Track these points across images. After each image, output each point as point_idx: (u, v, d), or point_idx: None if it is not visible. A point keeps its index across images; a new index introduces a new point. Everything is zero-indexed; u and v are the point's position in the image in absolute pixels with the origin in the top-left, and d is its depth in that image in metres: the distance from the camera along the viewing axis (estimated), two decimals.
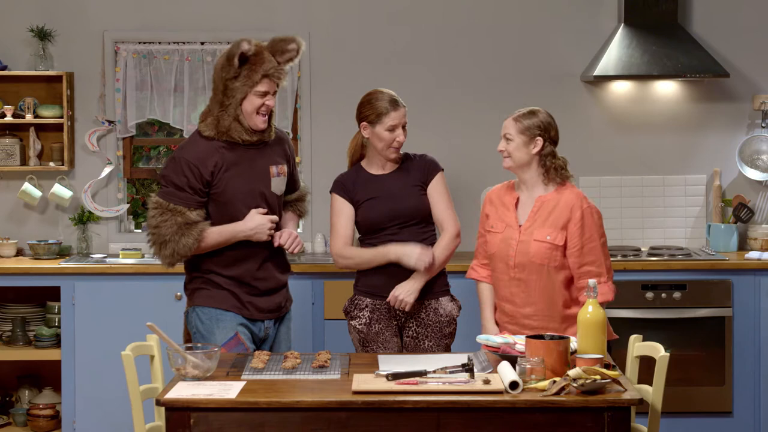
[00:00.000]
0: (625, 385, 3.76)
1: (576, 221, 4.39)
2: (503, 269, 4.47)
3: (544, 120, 4.47)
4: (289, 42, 4.64)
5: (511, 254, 4.43)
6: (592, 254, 4.39)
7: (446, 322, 4.77)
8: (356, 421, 3.67)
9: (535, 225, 4.42)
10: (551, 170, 4.46)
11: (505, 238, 4.46)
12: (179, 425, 3.67)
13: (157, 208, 4.52)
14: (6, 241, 6.38)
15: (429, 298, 4.77)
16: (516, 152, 4.45)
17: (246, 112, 4.55)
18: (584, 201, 4.44)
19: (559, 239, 4.38)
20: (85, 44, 6.50)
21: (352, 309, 4.81)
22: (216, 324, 4.55)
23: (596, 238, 4.41)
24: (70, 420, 6.02)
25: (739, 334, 6.00)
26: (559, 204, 4.42)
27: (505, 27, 6.54)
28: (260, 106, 4.56)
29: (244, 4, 6.51)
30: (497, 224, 4.52)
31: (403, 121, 4.73)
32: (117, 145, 6.55)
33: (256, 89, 4.54)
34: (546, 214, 4.42)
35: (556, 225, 4.39)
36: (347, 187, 4.83)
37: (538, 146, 4.44)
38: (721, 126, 6.56)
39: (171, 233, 4.49)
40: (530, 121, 4.45)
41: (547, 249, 4.38)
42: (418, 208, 4.76)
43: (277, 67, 4.59)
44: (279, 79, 4.61)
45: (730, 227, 6.41)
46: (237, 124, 4.55)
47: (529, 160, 4.45)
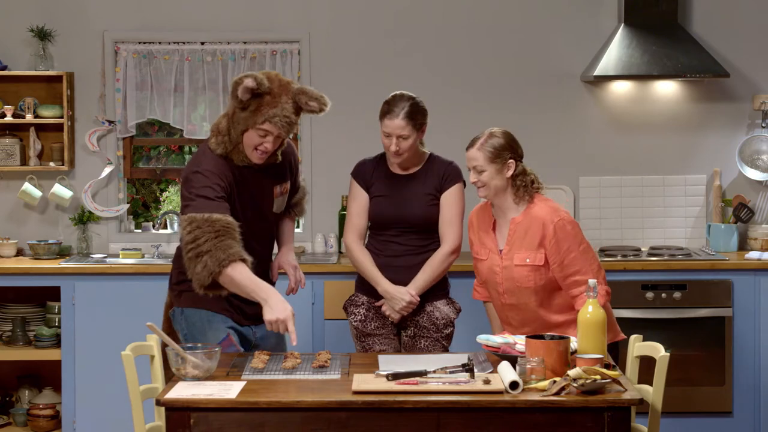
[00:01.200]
0: (625, 385, 3.76)
1: (550, 238, 4.33)
2: (495, 295, 4.49)
3: (508, 139, 4.39)
4: (312, 99, 4.41)
5: (498, 281, 4.42)
6: (574, 264, 4.34)
7: (442, 324, 4.77)
8: (356, 421, 3.67)
9: (513, 249, 4.38)
10: (522, 188, 4.39)
11: (490, 266, 4.44)
12: (179, 425, 3.67)
13: (192, 223, 4.25)
14: (6, 241, 6.38)
15: (424, 303, 4.76)
16: (491, 181, 4.37)
17: (245, 144, 4.41)
18: (554, 214, 4.36)
19: (539, 259, 4.34)
20: (85, 44, 6.50)
21: (349, 305, 4.84)
22: (208, 325, 4.52)
23: (575, 248, 4.34)
24: (70, 420, 6.02)
25: (739, 334, 6.00)
26: (531, 224, 4.36)
27: (505, 27, 6.54)
28: (258, 144, 4.40)
29: (244, 4, 6.51)
30: (481, 251, 4.49)
31: (398, 132, 4.65)
32: (117, 145, 6.55)
33: (259, 127, 4.37)
34: (521, 236, 4.37)
35: (531, 245, 4.35)
36: (365, 176, 4.83)
37: (512, 169, 4.37)
38: (721, 126, 6.56)
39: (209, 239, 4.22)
40: (496, 145, 4.36)
41: (530, 271, 4.35)
42: (424, 217, 4.74)
43: (284, 117, 4.36)
44: (284, 130, 4.39)
45: (730, 227, 6.41)
46: (238, 151, 4.47)
47: (504, 185, 4.39)
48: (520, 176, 4.39)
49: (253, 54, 6.47)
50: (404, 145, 4.67)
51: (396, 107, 4.67)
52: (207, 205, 4.28)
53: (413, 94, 4.75)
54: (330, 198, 6.46)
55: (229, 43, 6.48)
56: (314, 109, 4.42)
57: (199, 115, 6.52)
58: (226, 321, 4.53)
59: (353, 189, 4.85)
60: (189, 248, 4.25)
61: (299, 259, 6.19)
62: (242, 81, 4.30)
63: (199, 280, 4.24)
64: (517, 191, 4.39)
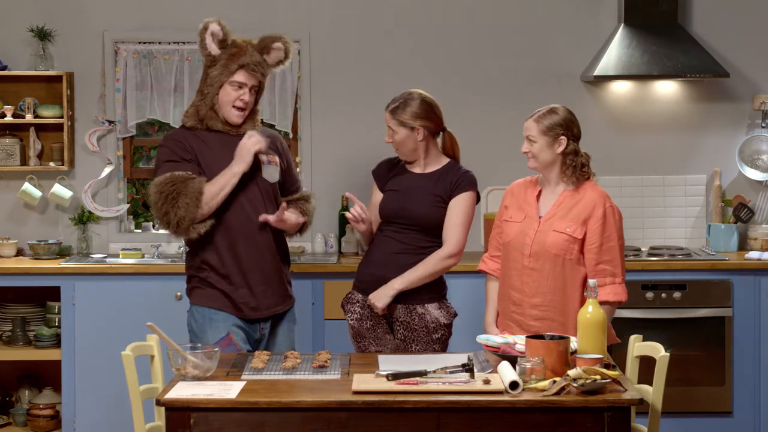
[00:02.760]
0: (625, 385, 3.76)
1: (598, 218, 4.38)
2: (517, 257, 4.44)
3: (566, 117, 4.44)
4: (274, 40, 4.62)
5: (527, 243, 4.41)
6: (609, 253, 4.38)
7: (433, 328, 4.73)
8: (356, 421, 3.67)
9: (556, 217, 4.41)
10: (574, 168, 4.43)
11: (523, 228, 4.44)
12: (179, 425, 3.67)
13: (159, 185, 4.45)
14: (6, 241, 6.38)
15: (415, 304, 4.73)
16: (541, 153, 4.41)
17: (221, 103, 4.53)
18: (607, 200, 4.43)
19: (579, 233, 4.36)
20: (85, 44, 6.50)
21: (346, 303, 4.83)
22: (209, 323, 4.54)
23: (615, 238, 4.39)
24: (70, 420, 6.02)
25: (739, 334, 6.00)
26: (582, 200, 4.41)
27: (505, 27, 6.54)
28: (235, 99, 4.52)
29: (244, 4, 6.51)
30: (516, 214, 4.49)
31: (387, 123, 4.72)
32: (117, 145, 6.55)
33: (231, 79, 4.51)
34: (568, 207, 4.41)
35: (577, 219, 4.38)
36: (381, 174, 4.88)
37: (563, 145, 4.41)
38: (721, 126, 6.56)
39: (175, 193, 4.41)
40: (552, 121, 4.41)
41: (565, 241, 4.36)
42: (427, 216, 4.73)
43: (257, 60, 4.55)
44: (258, 73, 4.55)
45: (730, 227, 6.41)
46: (213, 113, 4.53)
47: (553, 160, 4.43)
48: (571, 155, 4.42)
49: None
50: (396, 138, 4.72)
51: (393, 100, 4.74)
52: (170, 166, 4.49)
53: (418, 95, 4.74)
54: (330, 198, 6.46)
55: None
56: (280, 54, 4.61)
57: None
58: (229, 319, 4.54)
59: (372, 186, 4.91)
60: (160, 203, 4.44)
61: (299, 259, 6.20)
62: (208, 25, 4.52)
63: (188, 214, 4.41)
64: (566, 169, 4.43)
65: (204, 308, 4.56)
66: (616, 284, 4.38)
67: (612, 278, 4.37)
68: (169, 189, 4.43)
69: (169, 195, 4.42)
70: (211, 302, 4.55)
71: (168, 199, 4.42)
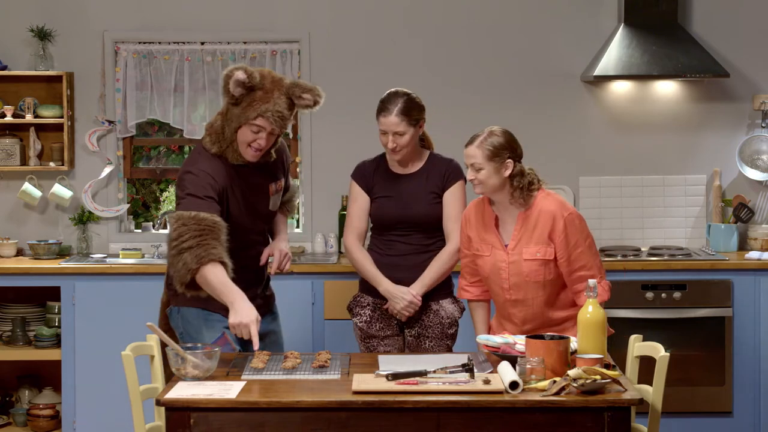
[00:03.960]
0: (625, 385, 3.76)
1: (560, 232, 4.31)
2: (498, 292, 4.43)
3: (508, 139, 4.34)
4: (306, 91, 4.42)
5: (504, 277, 4.38)
6: (580, 260, 4.33)
7: (448, 324, 4.78)
8: (356, 421, 3.67)
9: (522, 243, 4.35)
10: (521, 189, 4.34)
11: (495, 262, 4.39)
12: (179, 425, 3.67)
13: (179, 220, 4.27)
14: (6, 241, 6.38)
15: (430, 301, 4.76)
16: (489, 180, 4.32)
17: (239, 141, 4.41)
18: (563, 208, 4.34)
19: (549, 253, 4.31)
20: (85, 44, 6.50)
21: (354, 306, 4.84)
22: (204, 324, 4.52)
23: (582, 242, 4.33)
24: (70, 420, 6.02)
25: (739, 334, 6.00)
26: (540, 218, 4.33)
27: (505, 27, 6.54)
28: (252, 141, 4.39)
29: (244, 4, 6.51)
30: (482, 247, 4.44)
31: (393, 129, 4.65)
32: (117, 145, 6.55)
33: (252, 122, 4.36)
34: (530, 230, 4.35)
35: (541, 239, 4.32)
36: (366, 177, 4.83)
37: (509, 168, 4.32)
38: (721, 126, 6.56)
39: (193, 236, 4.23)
40: (495, 144, 4.31)
41: (540, 266, 4.33)
42: (429, 215, 4.74)
43: (277, 112, 4.35)
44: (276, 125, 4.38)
45: (730, 227, 6.41)
46: (232, 149, 4.46)
47: (502, 183, 4.33)
48: (518, 177, 4.34)
49: (253, 54, 6.47)
50: (401, 142, 4.68)
51: (390, 104, 4.68)
52: (196, 203, 4.29)
53: (408, 90, 4.75)
54: (330, 198, 6.46)
55: (229, 43, 6.48)
56: (308, 103, 4.43)
57: (199, 115, 6.52)
58: (223, 320, 4.53)
59: (353, 191, 4.85)
60: (173, 245, 4.27)
61: (299, 259, 6.20)
62: (233, 74, 4.30)
63: (179, 277, 4.26)
64: (513, 192, 4.34)
65: (196, 309, 4.54)
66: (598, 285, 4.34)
67: None
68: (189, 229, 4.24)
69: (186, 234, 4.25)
70: (203, 303, 4.52)
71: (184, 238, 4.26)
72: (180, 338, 4.55)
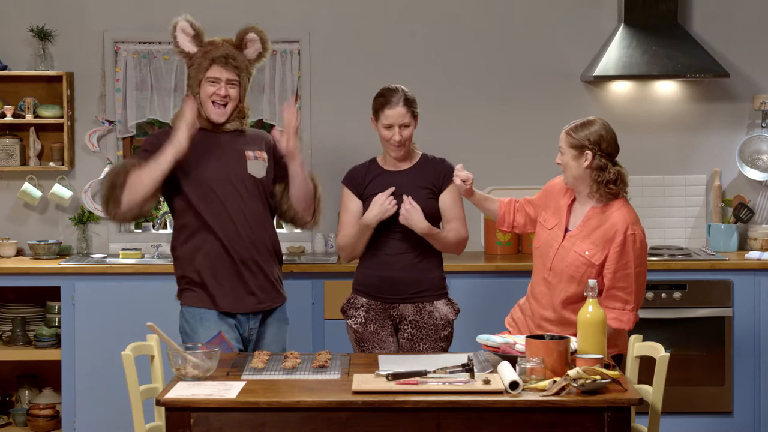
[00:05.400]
0: (625, 385, 3.76)
1: (617, 245, 4.30)
2: (540, 266, 4.46)
3: (596, 132, 4.36)
4: (247, 32, 4.64)
5: (550, 255, 4.41)
6: (624, 280, 4.31)
7: (441, 325, 4.75)
8: (356, 421, 3.67)
9: (580, 235, 4.36)
10: (599, 183, 4.34)
11: (550, 238, 4.43)
12: (179, 425, 3.67)
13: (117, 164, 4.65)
14: (6, 241, 6.38)
15: (424, 302, 4.75)
16: (567, 166, 4.39)
17: (202, 101, 4.56)
18: (630, 226, 4.33)
19: (597, 258, 4.31)
20: (85, 44, 6.50)
21: (348, 308, 4.82)
22: (200, 323, 4.54)
23: (632, 266, 4.30)
24: (70, 420, 6.02)
25: (739, 334, 6.00)
26: (607, 221, 4.34)
27: (505, 27, 6.54)
28: (212, 94, 4.53)
29: (244, 4, 6.51)
30: (550, 219, 4.48)
31: (399, 121, 4.67)
32: (117, 145, 6.55)
33: (207, 75, 4.53)
34: (593, 227, 4.36)
35: (598, 243, 4.32)
36: (357, 181, 4.81)
37: (588, 160, 4.34)
38: (721, 126, 6.56)
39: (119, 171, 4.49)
40: (581, 135, 4.36)
41: (583, 263, 4.33)
42: (424, 210, 4.74)
43: (231, 53, 4.55)
44: (231, 66, 4.55)
45: (730, 227, 6.41)
46: (200, 115, 4.57)
47: (580, 174, 4.36)
48: (597, 171, 4.35)
49: None
50: (406, 134, 4.69)
51: (393, 97, 4.69)
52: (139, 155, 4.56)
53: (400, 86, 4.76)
54: (330, 198, 6.43)
55: None
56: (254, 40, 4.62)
57: None
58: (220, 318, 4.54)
59: (345, 198, 4.83)
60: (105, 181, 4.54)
61: (299, 259, 6.20)
62: (176, 24, 4.59)
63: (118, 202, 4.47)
64: (592, 184, 4.36)
65: (194, 308, 4.56)
66: (625, 311, 4.32)
67: (623, 305, 4.32)
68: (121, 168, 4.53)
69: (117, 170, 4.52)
70: (200, 302, 4.55)
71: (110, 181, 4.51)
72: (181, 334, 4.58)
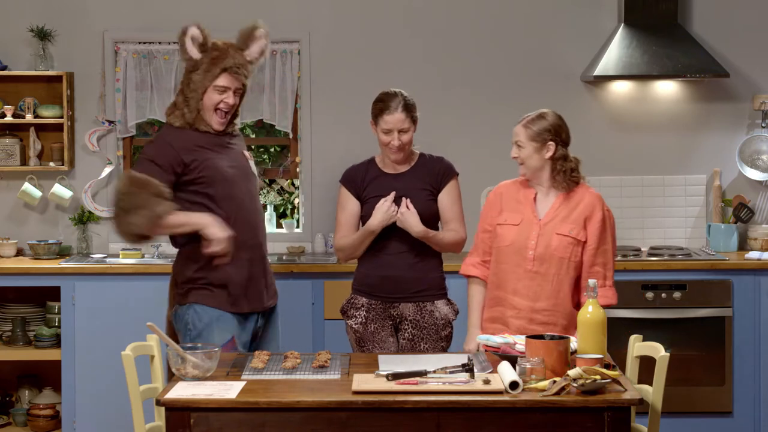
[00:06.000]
0: (625, 385, 3.76)
1: (597, 221, 4.40)
2: (517, 262, 4.42)
3: (554, 123, 4.43)
4: (253, 29, 4.64)
5: (530, 246, 4.39)
6: (603, 256, 4.40)
7: (442, 325, 4.76)
8: (356, 421, 3.67)
9: (557, 220, 4.40)
10: (564, 173, 4.42)
11: (523, 231, 4.42)
12: (179, 425, 3.67)
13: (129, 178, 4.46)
14: (6, 241, 6.38)
15: (424, 301, 4.75)
16: (529, 159, 4.41)
17: (205, 107, 4.53)
18: (604, 203, 4.47)
19: (582, 235, 4.38)
20: (85, 44, 6.50)
21: (348, 308, 4.82)
22: (216, 324, 4.55)
23: (610, 241, 4.43)
24: (70, 420, 6.02)
25: (739, 334, 6.00)
26: (581, 202, 4.42)
27: (505, 27, 6.54)
28: (218, 103, 4.52)
29: (244, 4, 6.51)
30: (511, 217, 4.47)
31: (398, 126, 4.65)
32: (117, 145, 6.55)
33: (215, 84, 4.51)
34: (567, 211, 4.41)
35: (578, 222, 4.39)
36: (356, 182, 4.80)
37: (551, 151, 4.40)
38: (721, 126, 6.56)
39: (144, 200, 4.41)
40: (540, 126, 4.41)
41: (569, 243, 4.37)
42: (423, 212, 4.73)
43: (240, 63, 4.55)
44: (241, 76, 4.55)
45: (730, 227, 6.41)
46: (199, 117, 4.56)
47: (542, 165, 4.42)
48: (560, 161, 4.42)
49: None
50: (405, 138, 4.69)
51: (392, 102, 4.68)
52: (150, 169, 4.46)
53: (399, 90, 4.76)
54: (330, 198, 6.45)
55: None
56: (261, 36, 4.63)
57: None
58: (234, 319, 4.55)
59: (342, 197, 4.83)
60: (123, 199, 4.43)
61: (299, 259, 6.20)
62: (186, 30, 4.48)
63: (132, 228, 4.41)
64: (555, 175, 4.42)
65: (209, 308, 4.56)
66: (606, 287, 4.40)
67: (603, 281, 4.39)
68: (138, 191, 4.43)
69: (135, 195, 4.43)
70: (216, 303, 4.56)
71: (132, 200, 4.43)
72: (186, 335, 4.57)
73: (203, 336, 4.52)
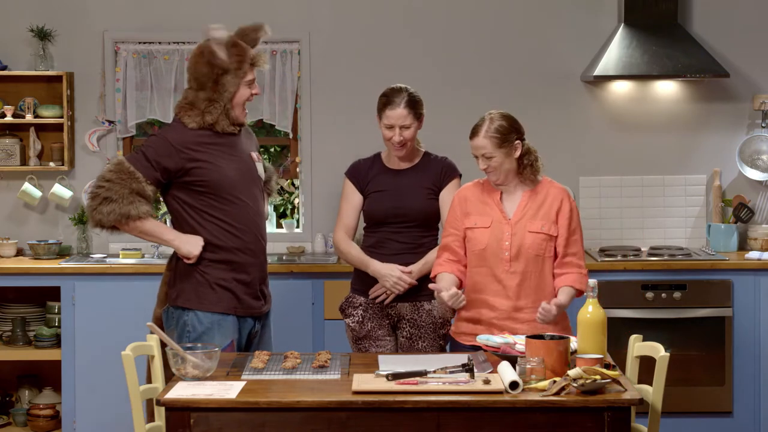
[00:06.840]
0: (625, 385, 3.76)
1: (566, 213, 4.43)
2: (496, 263, 4.41)
3: (510, 122, 4.43)
4: (258, 30, 4.70)
5: (504, 248, 4.40)
6: (574, 246, 4.45)
7: (440, 323, 4.77)
8: (356, 421, 3.67)
9: (526, 217, 4.42)
10: (531, 166, 4.45)
11: (495, 233, 4.41)
12: (179, 425, 3.67)
13: (118, 164, 4.51)
14: (6, 241, 6.38)
15: (422, 300, 4.76)
16: (502, 166, 4.40)
17: (235, 104, 4.59)
18: (569, 194, 4.51)
19: (553, 230, 4.42)
20: (85, 44, 6.50)
21: (346, 307, 4.83)
22: (218, 328, 4.55)
23: (578, 231, 4.48)
24: (70, 420, 6.02)
25: (739, 334, 6.00)
26: (548, 196, 4.45)
27: (505, 27, 6.54)
28: (249, 96, 4.62)
29: (244, 4, 6.51)
30: (481, 220, 4.45)
31: (400, 122, 4.69)
32: (117, 145, 6.55)
33: (246, 79, 4.59)
34: (536, 207, 4.43)
35: (547, 217, 4.42)
36: (360, 175, 4.83)
37: (519, 149, 4.42)
38: (721, 126, 6.56)
39: (121, 195, 4.47)
40: (502, 131, 4.38)
41: (543, 240, 4.40)
42: (423, 211, 4.74)
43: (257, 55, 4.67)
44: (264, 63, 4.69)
45: (730, 227, 6.41)
46: (224, 117, 4.58)
47: (515, 167, 4.44)
48: (526, 155, 4.45)
49: None
50: (407, 135, 4.71)
51: (396, 98, 4.71)
52: (141, 161, 4.51)
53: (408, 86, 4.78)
54: (330, 198, 6.46)
55: None
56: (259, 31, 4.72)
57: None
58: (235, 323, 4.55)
59: (346, 189, 4.86)
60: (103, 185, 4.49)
61: (299, 259, 6.20)
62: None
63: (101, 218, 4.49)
64: (523, 170, 4.44)
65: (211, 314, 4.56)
66: (582, 274, 4.44)
67: (578, 269, 4.44)
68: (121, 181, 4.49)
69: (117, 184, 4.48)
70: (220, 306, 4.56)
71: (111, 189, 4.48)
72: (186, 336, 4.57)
73: (203, 340, 4.51)
